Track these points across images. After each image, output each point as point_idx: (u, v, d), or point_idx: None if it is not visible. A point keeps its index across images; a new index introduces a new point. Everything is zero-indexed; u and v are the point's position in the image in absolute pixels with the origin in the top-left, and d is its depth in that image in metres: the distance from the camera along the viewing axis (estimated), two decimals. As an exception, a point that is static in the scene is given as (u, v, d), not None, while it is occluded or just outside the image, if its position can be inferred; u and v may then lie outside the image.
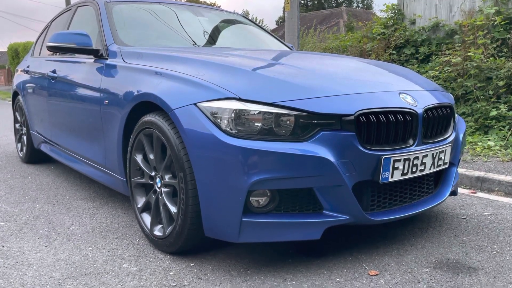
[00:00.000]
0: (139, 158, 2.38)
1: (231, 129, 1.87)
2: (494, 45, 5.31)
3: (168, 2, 3.65)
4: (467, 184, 3.53)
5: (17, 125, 4.80)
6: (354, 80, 2.21)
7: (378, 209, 2.13)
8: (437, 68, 5.46)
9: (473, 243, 2.35)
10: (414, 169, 2.12)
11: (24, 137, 4.51)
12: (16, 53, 25.52)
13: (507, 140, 4.35)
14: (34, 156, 4.43)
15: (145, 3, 3.51)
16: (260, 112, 1.88)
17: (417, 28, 6.44)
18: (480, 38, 5.27)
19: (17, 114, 4.78)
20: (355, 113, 1.93)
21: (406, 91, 2.22)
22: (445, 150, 2.28)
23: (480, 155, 4.06)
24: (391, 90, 2.18)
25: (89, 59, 3.01)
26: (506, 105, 4.77)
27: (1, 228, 2.64)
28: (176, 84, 2.12)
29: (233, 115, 1.87)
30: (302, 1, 44.00)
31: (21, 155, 4.68)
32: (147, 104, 2.27)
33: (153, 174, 2.30)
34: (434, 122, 2.25)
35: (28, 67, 4.34)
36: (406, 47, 6.39)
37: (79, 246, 2.35)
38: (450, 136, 2.36)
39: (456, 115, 2.77)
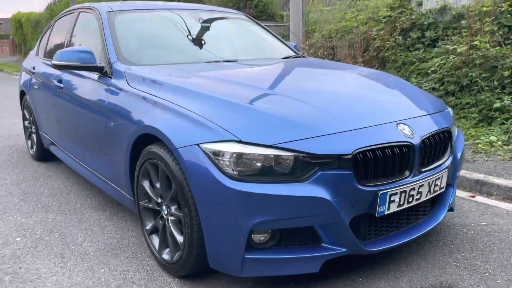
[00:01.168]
0: (146, 184, 2.47)
1: (233, 171, 1.95)
2: (501, 32, 5.24)
3: (170, 7, 3.64)
4: (467, 187, 3.60)
5: (26, 123, 4.89)
6: (353, 112, 2.25)
7: (375, 237, 2.22)
8: (442, 57, 5.41)
9: (467, 262, 2.46)
10: (410, 200, 2.20)
11: (34, 136, 4.61)
12: (20, 24, 25.36)
13: (510, 134, 4.38)
14: (45, 154, 4.53)
15: (147, 11, 3.51)
16: (258, 154, 1.94)
17: (424, 11, 6.34)
18: (487, 25, 5.20)
19: (25, 111, 4.87)
20: (353, 152, 2.00)
21: (404, 120, 2.27)
22: (442, 176, 2.35)
23: (481, 153, 4.10)
24: (389, 122, 2.22)
25: (95, 74, 3.05)
26: (511, 96, 4.77)
27: (17, 245, 2.78)
28: (180, 120, 2.17)
29: (234, 157, 1.94)
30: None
31: (31, 152, 4.79)
32: (152, 134, 2.34)
33: (159, 201, 2.40)
34: (431, 149, 2.30)
35: (33, 68, 4.38)
36: (412, 30, 6.31)
37: (92, 267, 2.49)
38: (447, 160, 2.42)
39: (455, 129, 2.81)
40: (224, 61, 3.16)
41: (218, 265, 2.10)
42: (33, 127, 4.59)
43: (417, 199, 2.24)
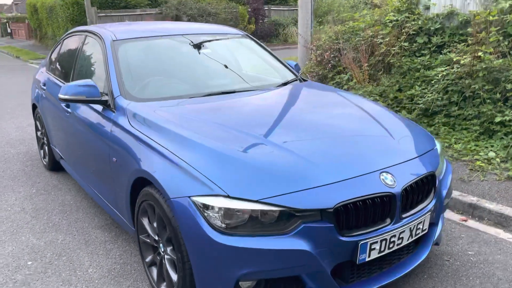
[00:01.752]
0: (145, 221, 2.64)
1: (221, 223, 2.09)
2: (506, 43, 5.21)
3: (173, 33, 3.74)
4: (460, 209, 3.70)
5: (39, 133, 5.09)
6: (339, 162, 2.36)
7: (358, 279, 2.36)
8: (446, 67, 5.42)
9: (448, 299, 2.59)
10: (391, 246, 2.33)
11: (46, 147, 4.81)
12: (35, 9, 25.56)
13: (509, 150, 4.43)
14: (57, 165, 4.73)
15: (150, 39, 3.62)
16: (244, 209, 2.08)
17: (431, 15, 6.29)
18: (493, 35, 5.18)
19: (37, 123, 5.06)
20: (334, 206, 2.12)
21: (388, 168, 2.37)
22: (424, 220, 2.46)
23: (478, 171, 4.17)
24: (372, 171, 2.33)
25: (99, 106, 3.19)
26: (513, 110, 4.78)
27: (28, 269, 2.99)
28: (175, 170, 2.31)
29: (222, 211, 2.08)
30: None
31: (44, 163, 5.00)
32: (148, 179, 2.49)
33: (157, 238, 2.56)
34: (414, 195, 2.41)
35: (44, 85, 4.55)
36: (419, 35, 6.29)
37: (96, 297, 2.69)
38: (430, 203, 2.53)
39: (443, 163, 2.89)
40: (222, 92, 3.26)
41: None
42: (45, 138, 4.78)
43: (398, 244, 2.36)
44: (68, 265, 3.03)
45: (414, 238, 2.46)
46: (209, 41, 3.79)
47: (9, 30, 34.84)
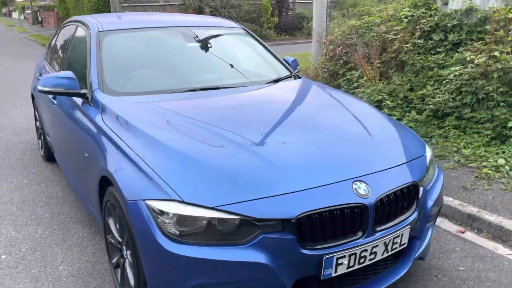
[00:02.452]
0: (111, 222, 2.53)
1: (175, 231, 1.96)
2: (526, 42, 4.88)
3: (164, 25, 3.62)
4: (459, 220, 3.46)
5: (37, 123, 5.08)
6: (307, 168, 2.19)
7: (328, 295, 2.20)
8: (459, 66, 5.12)
9: (428, 319, 2.39)
10: (362, 261, 2.15)
11: (42, 137, 4.79)
12: (63, -1, 25.94)
13: (521, 157, 4.14)
14: (52, 156, 4.70)
15: (138, 30, 3.51)
16: (200, 216, 1.94)
17: (449, 11, 5.97)
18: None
19: (36, 113, 5.04)
20: (296, 216, 1.96)
21: (362, 177, 2.19)
22: (402, 234, 2.27)
23: (484, 179, 3.91)
24: (343, 180, 2.15)
25: (79, 99, 3.10)
26: (528, 114, 4.48)
27: (1, 263, 2.94)
28: (135, 171, 2.18)
29: (175, 218, 1.95)
30: None
31: (41, 153, 4.99)
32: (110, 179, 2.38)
33: (120, 240, 2.46)
34: (391, 207, 2.22)
35: (40, 75, 4.51)
36: (435, 31, 5.98)
37: (60, 297, 2.61)
38: (411, 216, 2.33)
39: (434, 170, 2.69)
40: (206, 88, 3.12)
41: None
42: (42, 129, 4.75)
43: (370, 259, 2.18)
44: (40, 261, 2.97)
45: (390, 253, 2.27)
46: (202, 34, 3.65)
47: (39, 19, 35.55)
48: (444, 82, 5.21)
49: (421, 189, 2.41)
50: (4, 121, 6.64)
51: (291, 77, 3.63)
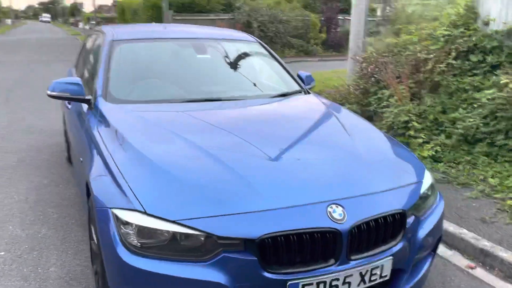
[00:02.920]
0: (92, 228, 2.54)
1: (136, 243, 1.92)
2: None
3: (177, 36, 3.66)
4: (471, 254, 3.20)
5: (64, 126, 5.27)
6: (279, 187, 2.09)
7: (294, 322, 2.07)
8: (493, 90, 4.81)
9: None
10: (333, 290, 2.02)
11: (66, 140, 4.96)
12: (122, 10, 27.21)
13: (553, 191, 3.80)
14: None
15: (151, 41, 3.57)
16: (161, 229, 1.90)
17: (489, 31, 5.65)
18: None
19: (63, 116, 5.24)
20: (259, 237, 1.87)
21: (339, 200, 2.06)
22: (382, 265, 2.11)
23: (507, 211, 3.61)
24: (318, 202, 2.03)
25: (85, 105, 3.18)
26: None
27: (-2, 260, 3.04)
28: (110, 180, 2.18)
29: (136, 229, 1.92)
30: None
31: (66, 155, 5.16)
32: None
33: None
34: (371, 234, 2.07)
35: (67, 79, 4.69)
36: (473, 52, 5.67)
37: (42, 298, 2.64)
38: (395, 246, 2.16)
39: (435, 197, 2.51)
40: (206, 100, 3.11)
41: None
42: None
43: (343, 290, 2.04)
44: (35, 261, 3.03)
45: (368, 285, 2.11)
46: (213, 46, 3.65)
47: (101, 29, 37.49)
48: (475, 105, 4.91)
49: (411, 218, 2.24)
50: (41, 123, 6.96)
51: (300, 92, 3.54)
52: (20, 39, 29.31)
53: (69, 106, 3.71)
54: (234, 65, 3.64)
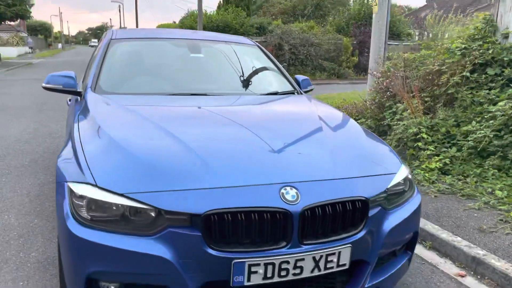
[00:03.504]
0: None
1: (86, 216, 1.93)
2: None
3: (174, 38, 3.74)
4: (463, 263, 3.02)
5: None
6: (235, 167, 2.07)
7: (246, 307, 2.01)
8: (504, 103, 4.62)
9: None
10: (283, 273, 1.94)
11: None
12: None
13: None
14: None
15: (147, 40, 3.67)
16: (110, 202, 1.91)
17: (508, 44, 5.46)
18: None
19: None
20: (204, 212, 1.84)
21: (295, 183, 2.01)
22: (339, 252, 2.02)
23: (510, 223, 3.40)
24: (272, 183, 1.99)
25: (79, 98, 3.28)
26: None
27: (-15, 244, 3.13)
28: (72, 159, 2.22)
29: (86, 201, 1.94)
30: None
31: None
32: None
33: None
34: (326, 220, 2.00)
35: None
36: (491, 66, 5.48)
37: (15, 279, 2.69)
38: (356, 235, 2.07)
39: (414, 191, 2.42)
40: (192, 94, 3.14)
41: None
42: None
43: (295, 274, 1.96)
44: (19, 247, 3.10)
45: (324, 272, 2.02)
46: (208, 47, 3.71)
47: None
48: (486, 117, 4.72)
49: (377, 209, 2.15)
50: (63, 130, 7.21)
51: (293, 93, 3.52)
52: (66, 61, 30.80)
53: (69, 102, 3.84)
54: (227, 65, 3.67)
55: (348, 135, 2.65)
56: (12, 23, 37.98)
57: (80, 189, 1.97)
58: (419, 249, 3.24)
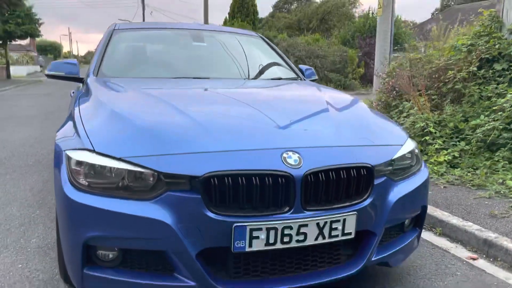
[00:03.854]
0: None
1: (84, 182, 1.89)
2: None
3: (177, 28, 3.74)
4: (474, 246, 2.92)
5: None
6: (236, 133, 2.03)
7: (246, 277, 1.94)
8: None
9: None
10: (286, 239, 1.87)
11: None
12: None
13: None
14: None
15: (150, 29, 3.67)
16: (107, 166, 1.86)
17: (514, 39, 5.42)
18: None
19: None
20: (203, 174, 1.79)
21: (298, 148, 1.95)
22: (344, 219, 1.95)
23: (523, 208, 3.31)
24: (274, 148, 1.94)
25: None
26: None
27: (-14, 232, 3.08)
28: (71, 130, 2.19)
29: (83, 166, 1.89)
30: (460, -7, 39.88)
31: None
32: None
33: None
34: (330, 186, 1.93)
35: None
36: (498, 61, 5.43)
37: (14, 262, 2.63)
38: (362, 202, 2.00)
39: (421, 165, 2.36)
40: (194, 78, 3.12)
41: (72, 279, 2.03)
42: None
43: (298, 241, 1.89)
44: (20, 234, 3.06)
45: (330, 240, 1.95)
46: (211, 36, 3.71)
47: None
48: (495, 108, 4.65)
49: (382, 178, 2.09)
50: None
51: (296, 79, 3.49)
52: (74, 78, 31.19)
53: (72, 95, 3.83)
54: (230, 53, 3.65)
55: (355, 112, 2.60)
56: (22, 42, 38.71)
57: (78, 155, 1.93)
58: (429, 236, 3.14)
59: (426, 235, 3.15)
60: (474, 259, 2.79)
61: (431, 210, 3.34)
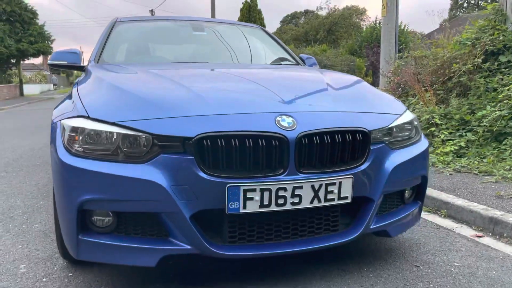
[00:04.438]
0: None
1: (79, 148, 1.90)
2: None
3: (178, 19, 3.79)
4: (480, 225, 2.86)
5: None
6: (229, 99, 2.03)
7: (242, 242, 1.92)
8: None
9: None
10: (281, 201, 1.85)
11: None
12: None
13: None
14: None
15: (152, 21, 3.72)
16: (101, 131, 1.87)
17: (519, 32, 5.38)
18: None
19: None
20: (196, 135, 1.79)
21: (292, 112, 1.95)
22: (340, 182, 1.92)
23: (529, 190, 3.24)
24: (268, 112, 1.94)
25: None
26: None
27: (-10, 219, 3.10)
28: (69, 103, 2.22)
29: (79, 132, 1.90)
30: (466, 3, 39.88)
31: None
32: None
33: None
34: (325, 150, 1.92)
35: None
36: (503, 53, 5.39)
37: (15, 243, 2.64)
38: (358, 167, 1.98)
39: (421, 136, 2.33)
40: (193, 62, 3.14)
41: (68, 247, 2.03)
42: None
43: (293, 203, 1.87)
44: (23, 221, 3.07)
45: (325, 204, 1.92)
46: (211, 26, 3.74)
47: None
48: (500, 96, 4.60)
49: (380, 145, 2.06)
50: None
51: (298, 65, 3.49)
52: (86, 94, 31.64)
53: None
54: (230, 41, 3.68)
55: (354, 86, 2.59)
56: (35, 62, 39.44)
57: (73, 122, 1.95)
58: (433, 218, 3.09)
59: (430, 217, 3.10)
60: (479, 236, 2.73)
61: (436, 193, 3.29)
